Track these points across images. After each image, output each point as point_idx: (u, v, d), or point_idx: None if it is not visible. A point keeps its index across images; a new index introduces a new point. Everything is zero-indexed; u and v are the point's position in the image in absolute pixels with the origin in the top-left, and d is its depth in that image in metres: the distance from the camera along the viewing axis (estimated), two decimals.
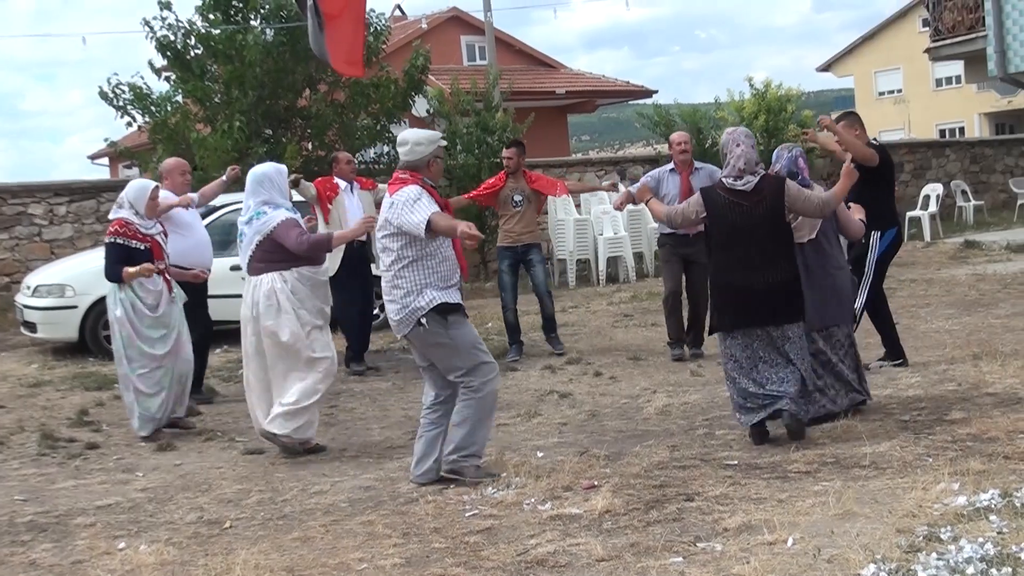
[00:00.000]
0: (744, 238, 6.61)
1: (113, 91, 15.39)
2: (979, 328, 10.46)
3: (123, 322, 7.90)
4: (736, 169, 6.67)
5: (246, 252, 7.22)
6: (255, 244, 7.14)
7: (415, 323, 6.12)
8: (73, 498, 6.48)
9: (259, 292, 7.08)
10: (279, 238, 7.07)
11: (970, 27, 22.29)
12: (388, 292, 6.21)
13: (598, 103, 36.38)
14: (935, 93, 50.01)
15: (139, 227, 7.98)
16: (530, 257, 10.80)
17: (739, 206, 6.62)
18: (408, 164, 6.26)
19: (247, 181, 7.33)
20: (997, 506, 4.90)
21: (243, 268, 7.32)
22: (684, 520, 5.17)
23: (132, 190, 8.13)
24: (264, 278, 7.09)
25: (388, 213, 6.12)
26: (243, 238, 7.25)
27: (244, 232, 7.25)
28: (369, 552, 5.06)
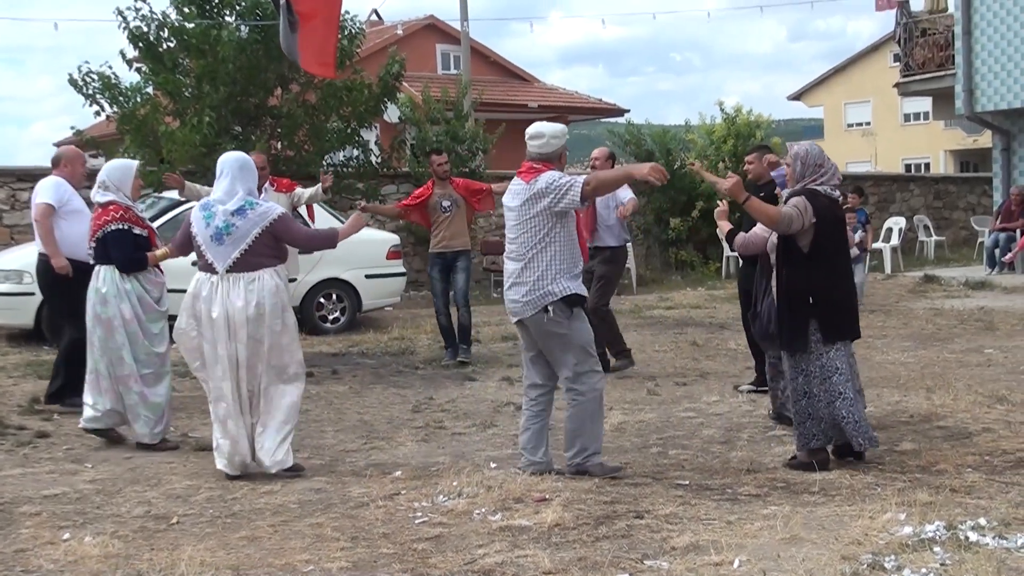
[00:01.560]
0: (844, 247, 6.71)
1: (83, 79, 15.26)
2: (934, 362, 10.57)
3: (130, 319, 7.29)
4: (836, 179, 6.56)
5: (235, 245, 6.44)
6: (253, 237, 6.47)
7: (541, 308, 6.22)
8: (20, 486, 6.41)
9: (263, 290, 6.43)
10: (280, 232, 6.57)
11: (940, 64, 22.58)
12: (516, 275, 6.28)
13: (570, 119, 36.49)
14: (903, 128, 50.55)
15: (137, 212, 7.55)
16: (457, 263, 10.98)
17: (838, 216, 6.63)
18: (543, 156, 6.41)
19: (228, 165, 6.65)
20: (942, 538, 4.95)
21: (216, 262, 6.47)
22: (633, 537, 5.19)
23: (114, 171, 7.53)
24: (263, 274, 6.47)
25: (530, 192, 6.23)
26: (231, 229, 6.45)
27: (233, 224, 6.46)
28: (316, 554, 5.04)
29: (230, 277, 6.45)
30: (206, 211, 6.57)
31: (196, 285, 6.56)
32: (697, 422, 8.00)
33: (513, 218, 6.38)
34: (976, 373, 9.81)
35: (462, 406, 8.86)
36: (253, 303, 6.41)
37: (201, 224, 6.55)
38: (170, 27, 15.48)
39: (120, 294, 7.31)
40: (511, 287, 6.36)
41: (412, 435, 7.83)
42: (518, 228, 6.32)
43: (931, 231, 24.12)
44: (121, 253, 7.34)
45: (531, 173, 6.34)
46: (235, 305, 6.39)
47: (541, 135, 6.44)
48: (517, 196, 6.37)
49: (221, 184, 6.61)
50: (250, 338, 6.41)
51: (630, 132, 22.00)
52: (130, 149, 15.03)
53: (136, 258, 7.36)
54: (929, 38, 23.03)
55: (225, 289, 6.43)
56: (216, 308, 6.41)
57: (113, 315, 7.30)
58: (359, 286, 13.70)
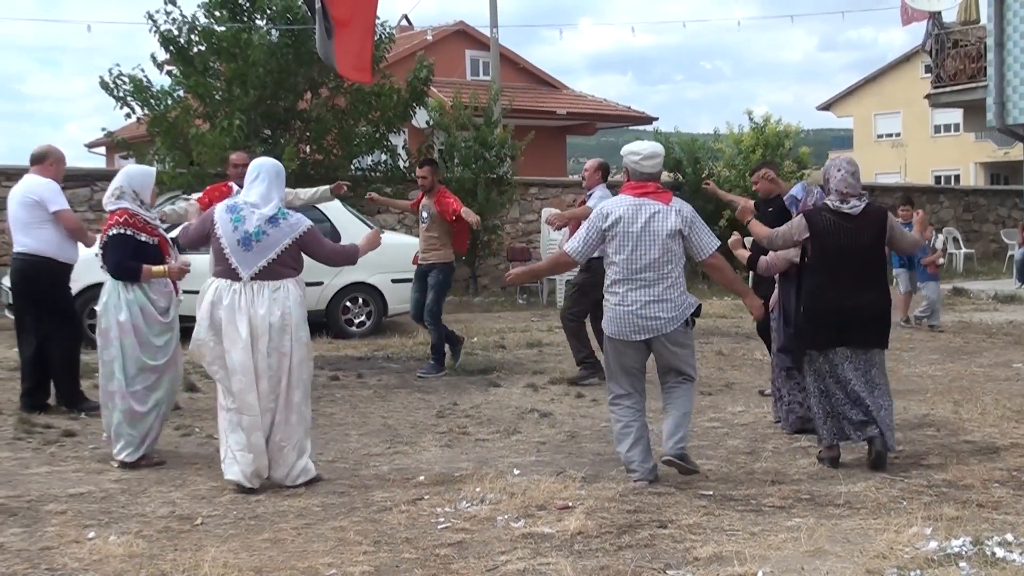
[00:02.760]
0: (848, 260, 6.80)
1: (114, 81, 15.37)
2: (961, 375, 10.50)
3: (127, 329, 6.85)
4: (839, 193, 6.83)
5: (264, 253, 6.30)
6: (283, 247, 6.33)
7: (684, 321, 6.43)
8: (46, 484, 6.46)
9: (287, 299, 6.31)
10: (307, 244, 6.44)
11: (971, 76, 22.46)
12: (662, 293, 6.34)
13: (598, 126, 36.53)
14: (933, 139, 50.27)
15: (146, 218, 7.13)
16: (428, 277, 10.87)
17: (845, 228, 6.79)
18: (655, 176, 6.55)
19: (264, 170, 6.50)
20: (968, 553, 4.91)
21: (242, 268, 6.31)
22: (656, 546, 5.17)
23: (135, 177, 7.20)
24: (288, 284, 6.36)
25: (679, 220, 6.37)
26: (261, 236, 6.30)
27: (265, 231, 6.31)
28: (339, 558, 5.04)
29: (254, 285, 6.29)
30: (234, 213, 6.36)
31: (215, 292, 6.33)
32: (722, 432, 7.97)
33: (648, 238, 6.35)
34: (1004, 387, 9.73)
35: (486, 412, 8.85)
36: (278, 312, 6.27)
37: (227, 227, 6.33)
38: (200, 30, 15.59)
39: (120, 304, 6.89)
40: (649, 304, 6.34)
41: (436, 440, 7.83)
42: (658, 248, 6.34)
43: (960, 243, 23.97)
44: (114, 257, 6.94)
45: (663, 195, 6.46)
46: (258, 313, 6.25)
47: (658, 155, 6.55)
48: (658, 214, 6.37)
49: (256, 188, 6.43)
50: (274, 349, 6.27)
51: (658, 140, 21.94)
52: (160, 151, 15.14)
53: (129, 266, 6.91)
54: (961, 49, 22.91)
55: (248, 297, 6.27)
56: (239, 316, 6.24)
57: (109, 325, 6.91)
58: (385, 290, 13.73)
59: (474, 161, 18.44)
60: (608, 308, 6.50)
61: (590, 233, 6.47)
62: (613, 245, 6.41)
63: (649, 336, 6.42)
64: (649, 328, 6.39)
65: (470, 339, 12.79)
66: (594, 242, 6.48)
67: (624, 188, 6.54)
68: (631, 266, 6.36)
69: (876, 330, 6.86)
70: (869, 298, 6.82)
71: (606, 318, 6.53)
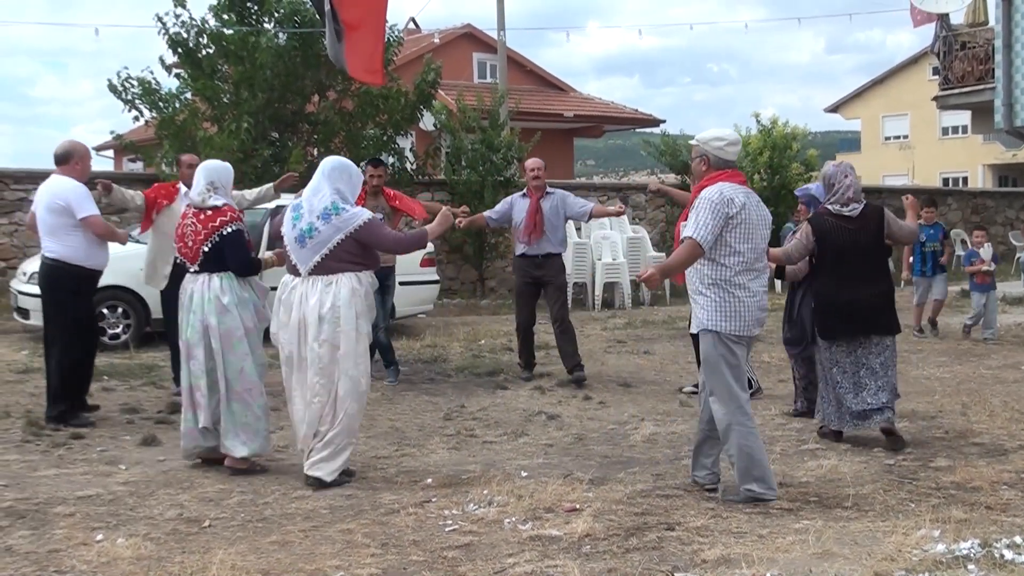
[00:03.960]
0: (851, 257, 7.45)
1: (122, 84, 15.44)
2: (970, 378, 10.48)
3: (252, 328, 6.85)
4: (844, 197, 7.49)
5: (316, 250, 6.38)
6: (335, 243, 6.38)
7: None
8: (54, 487, 6.47)
9: (338, 294, 6.36)
10: (366, 237, 6.46)
11: (979, 78, 22.41)
12: (766, 284, 6.25)
13: (605, 129, 36.50)
14: (941, 141, 50.19)
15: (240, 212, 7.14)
16: (387, 282, 10.31)
17: (846, 230, 7.46)
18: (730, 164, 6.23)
19: (320, 167, 6.59)
20: (976, 556, 4.90)
21: (300, 265, 6.45)
22: (663, 549, 5.17)
23: (222, 171, 7.06)
24: (341, 278, 6.40)
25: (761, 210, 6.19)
26: (313, 233, 6.39)
27: (316, 228, 6.39)
28: (346, 560, 5.05)
29: (310, 280, 6.42)
30: (295, 212, 6.52)
31: (281, 288, 6.57)
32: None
33: (762, 226, 6.14)
34: (1012, 390, 9.71)
35: (493, 414, 8.86)
36: (327, 305, 6.34)
37: (288, 225, 6.51)
38: (209, 33, 15.64)
39: (242, 303, 6.81)
40: (765, 295, 6.20)
41: (443, 443, 7.83)
42: (765, 236, 6.18)
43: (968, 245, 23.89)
44: (242, 256, 6.86)
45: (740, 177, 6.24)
46: (309, 304, 6.37)
47: (739, 141, 6.37)
48: (761, 205, 6.21)
49: (311, 185, 6.58)
50: (325, 341, 6.33)
51: (665, 143, 21.95)
52: (168, 154, 15.19)
53: (255, 261, 6.96)
54: (969, 51, 22.86)
55: (303, 291, 6.42)
56: (293, 310, 6.42)
57: (235, 326, 6.77)
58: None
59: (481, 164, 18.45)
60: (731, 303, 6.01)
61: (716, 218, 5.95)
62: (736, 234, 6.00)
63: (761, 329, 6.28)
64: (763, 320, 6.21)
65: (477, 341, 12.80)
66: (719, 229, 5.97)
67: (723, 176, 6.13)
68: (753, 254, 6.08)
69: (883, 316, 7.48)
70: (872, 290, 7.44)
71: (727, 314, 6.01)
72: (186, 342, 6.87)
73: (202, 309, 6.78)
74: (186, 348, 6.88)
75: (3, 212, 16.02)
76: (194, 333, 6.81)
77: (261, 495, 6.28)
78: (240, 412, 6.79)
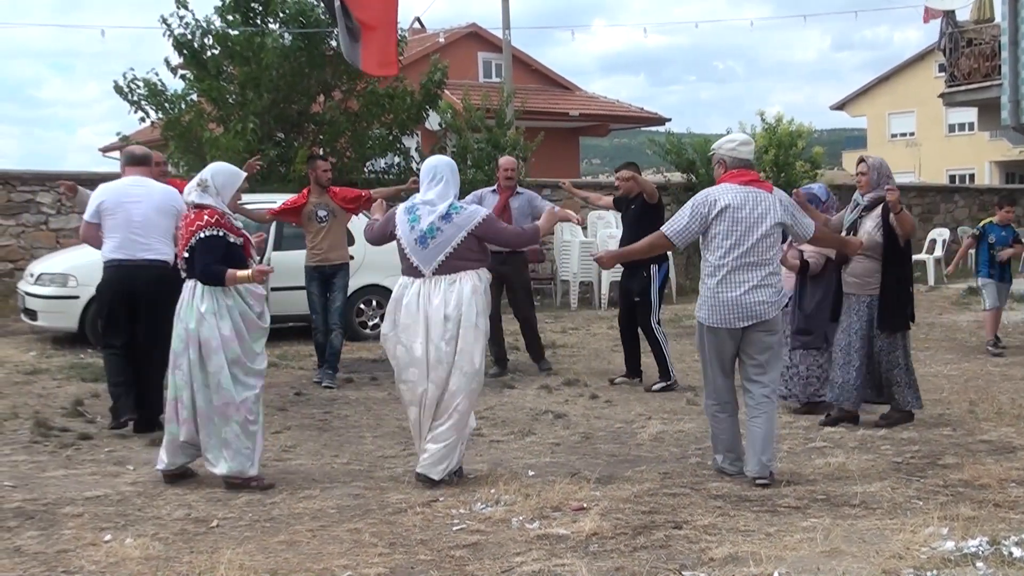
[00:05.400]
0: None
1: (128, 86, 15.45)
2: (977, 375, 10.46)
3: (231, 338, 6.42)
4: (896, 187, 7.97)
5: (440, 249, 6.38)
6: (458, 241, 6.39)
7: (781, 307, 6.67)
8: (62, 487, 6.48)
9: (462, 291, 6.39)
10: (485, 233, 6.49)
11: (986, 75, 22.36)
12: (761, 279, 6.45)
13: (611, 127, 36.47)
14: (947, 138, 50.11)
15: (231, 218, 6.67)
16: (335, 279, 10.34)
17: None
18: (752, 163, 6.70)
19: (440, 169, 6.57)
20: (985, 553, 4.89)
21: (422, 265, 6.43)
22: (671, 547, 5.17)
23: (221, 173, 6.72)
24: (463, 276, 6.42)
25: (783, 211, 6.52)
26: (435, 233, 6.39)
27: (439, 228, 6.39)
28: (354, 560, 5.05)
29: (433, 280, 6.43)
30: (411, 214, 6.49)
31: (399, 289, 6.52)
32: None
33: (756, 225, 6.45)
34: (1021, 387, 9.69)
35: (500, 414, 8.86)
36: (452, 303, 6.37)
37: (405, 227, 6.48)
38: (214, 34, 15.65)
39: (221, 311, 6.43)
40: (754, 289, 6.44)
41: None
42: (762, 235, 6.45)
43: None
44: (204, 262, 6.42)
45: (766, 184, 6.63)
46: (432, 304, 6.39)
47: (752, 141, 6.78)
48: (762, 200, 6.50)
49: (435, 188, 6.52)
50: (451, 339, 6.38)
51: (671, 141, 21.90)
52: (174, 155, 15.21)
53: (216, 271, 6.40)
54: (975, 48, 22.81)
55: (427, 291, 6.42)
56: (418, 311, 6.40)
57: (211, 335, 6.41)
58: None
59: (487, 163, 18.44)
60: (709, 296, 6.51)
61: (693, 221, 6.48)
62: (721, 230, 6.43)
63: (750, 323, 6.47)
64: (756, 312, 6.46)
65: None
66: (695, 229, 6.50)
67: (727, 176, 6.60)
68: (737, 250, 6.42)
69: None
70: None
71: (712, 306, 6.50)
72: (173, 351, 6.56)
73: (184, 317, 6.52)
74: (173, 357, 6.56)
75: (10, 214, 16.05)
76: (179, 342, 6.50)
77: (269, 495, 6.28)
78: (220, 427, 6.45)
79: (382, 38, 10.55)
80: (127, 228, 7.96)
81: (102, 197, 8.05)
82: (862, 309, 8.01)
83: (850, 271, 8.08)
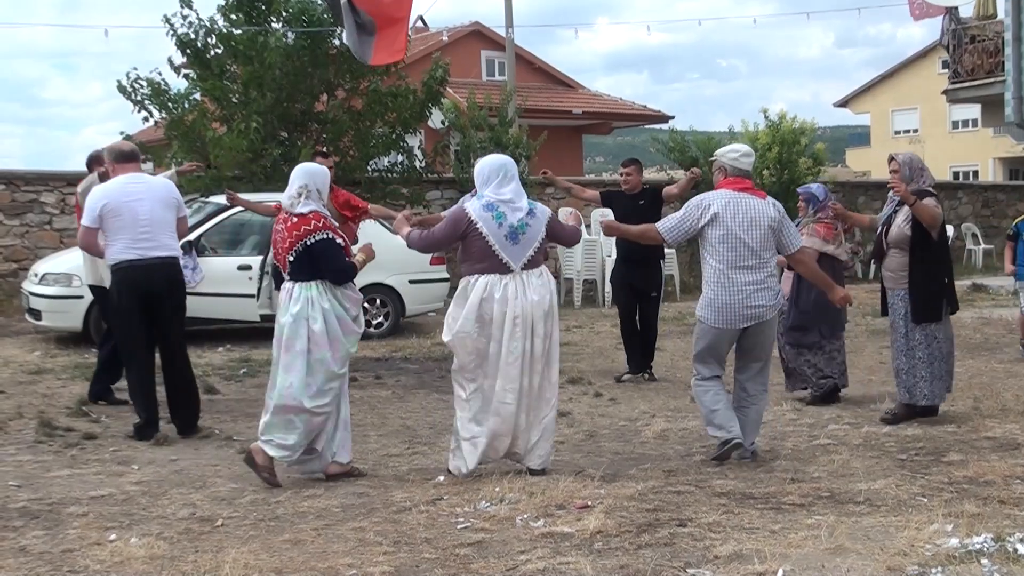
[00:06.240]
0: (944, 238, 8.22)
1: (131, 85, 15.45)
2: (982, 372, 10.45)
3: (321, 341, 6.45)
4: (933, 180, 8.20)
5: (529, 244, 6.49)
6: (542, 236, 6.57)
7: (778, 309, 7.12)
8: (67, 487, 6.49)
9: (549, 284, 6.58)
10: (552, 230, 6.68)
11: (989, 71, 22.34)
12: (761, 282, 6.84)
13: (614, 125, 36.44)
14: (951, 135, 50.01)
15: (330, 219, 6.75)
16: None
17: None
18: (750, 173, 7.12)
19: (506, 168, 6.65)
20: (990, 550, 4.89)
21: (512, 261, 6.45)
22: (675, 545, 5.16)
23: (317, 175, 6.71)
24: (544, 270, 6.63)
25: (776, 213, 6.92)
26: (525, 228, 6.48)
27: (527, 223, 6.49)
28: (359, 558, 5.05)
29: (523, 275, 6.51)
30: (493, 211, 6.47)
31: (486, 288, 6.45)
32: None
33: (751, 228, 6.83)
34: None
35: None
36: (546, 297, 6.53)
37: (492, 224, 6.45)
38: (217, 34, 15.65)
39: (315, 314, 6.47)
40: (756, 292, 6.82)
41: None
42: (759, 238, 6.84)
43: (979, 239, 23.86)
44: (335, 264, 6.54)
45: (759, 192, 7.03)
46: (531, 300, 6.46)
47: (752, 153, 7.18)
48: (755, 206, 6.87)
49: (509, 184, 6.58)
50: (548, 335, 6.55)
51: (674, 139, 21.91)
52: (178, 155, 15.21)
53: (348, 268, 6.61)
54: (978, 44, 22.79)
55: (520, 287, 6.47)
56: (515, 307, 6.43)
57: (296, 335, 6.46)
58: (403, 291, 13.71)
59: None
60: (712, 297, 6.86)
61: (684, 221, 6.91)
62: (716, 234, 6.82)
63: (751, 323, 6.85)
64: (755, 315, 6.84)
65: None
66: (687, 230, 6.91)
67: (724, 183, 6.99)
68: (735, 253, 6.80)
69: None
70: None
71: (714, 308, 6.86)
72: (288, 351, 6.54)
73: (283, 318, 6.56)
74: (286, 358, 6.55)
75: (14, 214, 16.07)
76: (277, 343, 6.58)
77: (273, 494, 6.29)
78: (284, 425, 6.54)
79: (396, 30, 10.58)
80: (134, 227, 7.74)
81: (104, 200, 7.74)
82: (897, 304, 8.12)
83: (886, 266, 8.21)
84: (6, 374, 10.61)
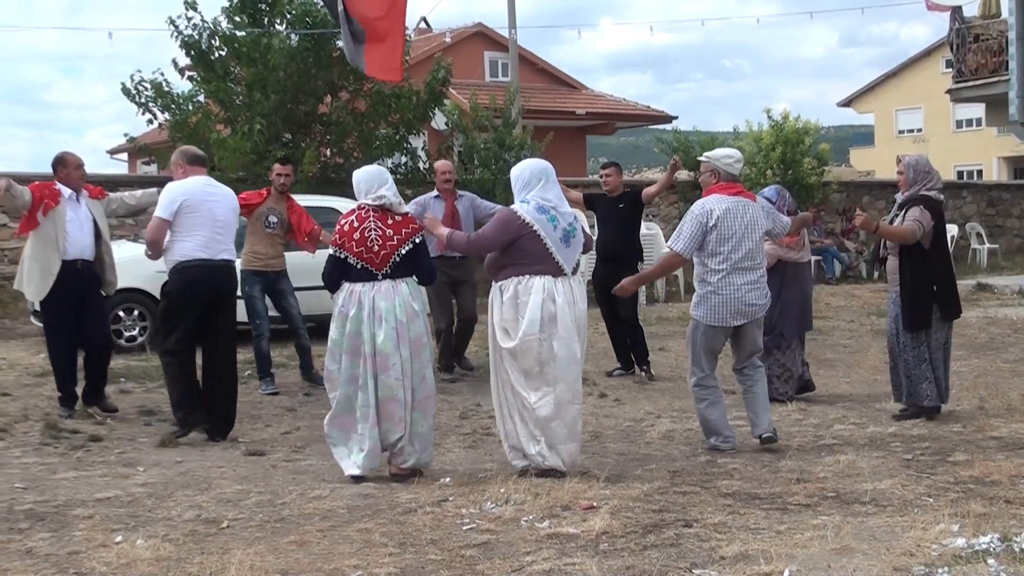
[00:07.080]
0: (946, 241, 8.29)
1: (136, 88, 15.48)
2: (987, 371, 10.44)
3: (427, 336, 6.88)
4: (940, 183, 8.14)
5: (577, 248, 6.57)
6: (584, 239, 6.72)
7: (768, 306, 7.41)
8: (73, 489, 6.50)
9: (584, 287, 6.79)
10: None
11: (993, 70, 22.31)
12: (755, 281, 7.20)
13: (617, 126, 36.46)
14: (955, 134, 49.95)
15: None
16: (281, 287, 10.06)
17: (942, 215, 8.09)
18: (740, 177, 7.42)
19: (547, 172, 6.66)
20: (996, 550, 4.88)
21: (565, 263, 6.49)
22: (681, 546, 5.16)
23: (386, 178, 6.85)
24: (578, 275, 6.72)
25: (764, 216, 7.32)
26: (575, 231, 6.57)
27: (575, 226, 6.59)
28: (364, 559, 5.05)
29: (572, 279, 6.56)
30: (546, 214, 6.48)
31: (546, 290, 6.42)
32: (746, 430, 7.93)
33: (748, 231, 7.15)
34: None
35: None
36: (578, 301, 6.56)
37: (548, 227, 6.45)
38: (221, 36, 15.67)
39: (422, 310, 6.79)
40: (751, 292, 7.17)
41: (459, 442, 7.84)
42: (755, 239, 7.19)
43: (984, 239, 23.83)
44: (429, 265, 6.85)
45: (749, 194, 7.38)
46: (577, 305, 6.52)
47: (743, 159, 7.54)
48: (749, 209, 7.20)
49: (552, 189, 6.59)
50: (585, 339, 6.69)
51: (678, 139, 21.89)
52: None
53: (435, 271, 6.98)
54: (982, 44, 22.77)
55: (571, 290, 6.52)
56: (571, 309, 6.46)
57: (422, 332, 6.71)
58: None
59: (493, 162, 18.43)
60: (707, 296, 7.17)
61: (696, 231, 7.11)
62: (715, 238, 7.08)
63: (745, 321, 7.20)
64: (750, 312, 7.20)
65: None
66: (699, 239, 7.12)
67: (716, 187, 7.25)
68: (734, 256, 7.10)
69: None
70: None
71: (708, 307, 7.19)
72: (379, 352, 6.57)
73: (393, 316, 6.57)
74: (378, 360, 6.58)
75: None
76: (388, 342, 6.55)
77: (279, 495, 6.29)
78: (418, 421, 6.71)
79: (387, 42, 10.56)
80: (212, 227, 7.82)
81: (184, 195, 7.77)
82: (891, 306, 8.27)
83: (887, 267, 8.35)
84: (12, 376, 10.63)
